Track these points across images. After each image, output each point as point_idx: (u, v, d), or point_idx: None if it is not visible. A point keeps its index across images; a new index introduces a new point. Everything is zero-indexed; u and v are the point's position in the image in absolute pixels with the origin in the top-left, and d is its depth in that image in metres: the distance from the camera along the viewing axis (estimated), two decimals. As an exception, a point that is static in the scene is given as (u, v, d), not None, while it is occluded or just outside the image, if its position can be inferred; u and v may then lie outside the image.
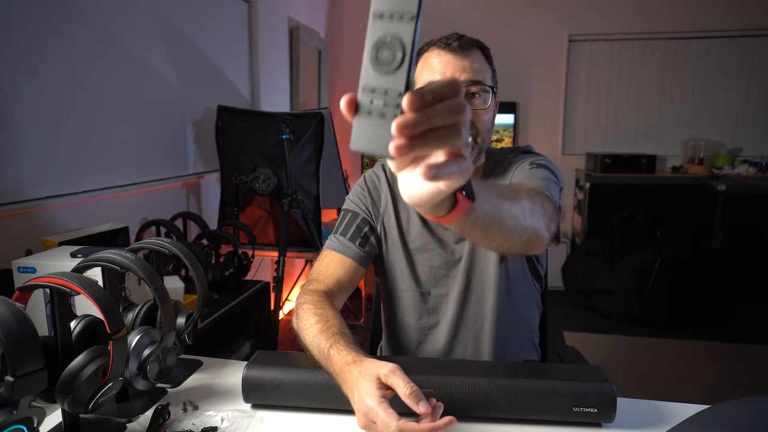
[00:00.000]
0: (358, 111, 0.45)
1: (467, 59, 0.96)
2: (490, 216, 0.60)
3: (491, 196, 0.61)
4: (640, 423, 0.79)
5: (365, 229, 1.08)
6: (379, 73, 0.43)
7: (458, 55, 0.96)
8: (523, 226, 0.70)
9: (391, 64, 0.43)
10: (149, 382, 0.81)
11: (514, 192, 0.74)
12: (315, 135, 2.35)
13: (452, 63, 0.96)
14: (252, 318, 1.93)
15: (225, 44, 2.58)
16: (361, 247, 1.07)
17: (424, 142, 0.41)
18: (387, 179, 1.12)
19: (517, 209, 0.69)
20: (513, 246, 0.72)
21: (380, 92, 0.43)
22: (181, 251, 0.87)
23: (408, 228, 1.09)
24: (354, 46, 4.20)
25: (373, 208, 1.11)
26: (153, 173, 2.06)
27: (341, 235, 1.08)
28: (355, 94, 0.44)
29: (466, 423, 0.78)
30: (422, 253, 1.07)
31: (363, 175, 1.16)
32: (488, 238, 0.65)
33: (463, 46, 0.97)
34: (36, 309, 0.96)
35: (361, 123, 0.45)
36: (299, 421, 0.80)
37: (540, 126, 4.09)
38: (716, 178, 3.65)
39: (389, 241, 1.10)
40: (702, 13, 3.78)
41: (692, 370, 2.76)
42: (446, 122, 0.41)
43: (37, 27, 1.48)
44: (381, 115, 0.43)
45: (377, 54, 0.44)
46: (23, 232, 1.45)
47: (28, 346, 0.60)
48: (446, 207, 0.50)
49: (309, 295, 0.99)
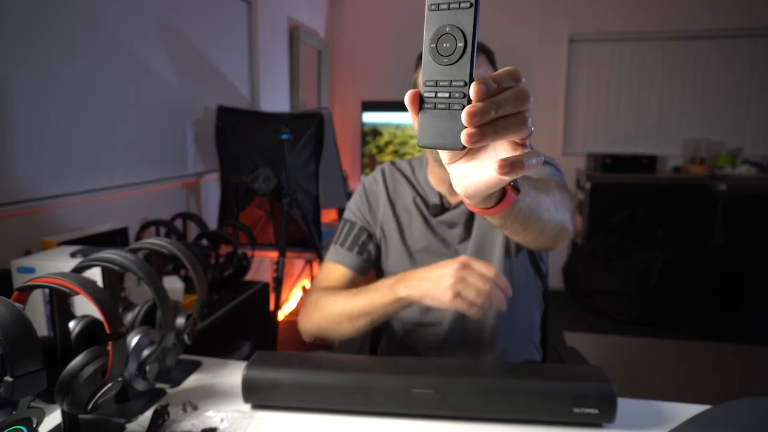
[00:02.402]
0: (422, 106, 0.43)
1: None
2: (530, 208, 0.62)
3: (530, 189, 0.62)
4: (641, 423, 0.78)
5: (363, 237, 1.11)
6: (442, 64, 0.42)
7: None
8: (555, 219, 0.72)
9: (452, 55, 0.42)
10: (149, 382, 0.81)
11: (546, 185, 0.75)
12: (315, 135, 2.35)
13: None
14: (252, 318, 1.93)
15: (225, 44, 2.58)
16: (359, 255, 1.11)
17: (495, 130, 0.41)
18: (384, 184, 1.13)
19: (549, 202, 0.70)
20: (546, 239, 0.73)
21: (445, 84, 0.42)
22: (181, 251, 0.87)
23: (410, 230, 1.09)
24: (354, 46, 4.21)
25: (370, 214, 1.13)
26: (153, 173, 2.06)
27: (340, 245, 1.12)
28: (418, 90, 0.43)
29: (467, 423, 0.78)
30: (425, 254, 1.08)
31: (362, 182, 1.17)
32: (526, 230, 0.66)
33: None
34: (35, 309, 0.96)
35: (427, 118, 0.43)
36: (299, 421, 0.80)
37: (540, 126, 4.08)
38: (717, 179, 3.65)
39: (389, 244, 1.11)
40: (702, 13, 3.78)
41: (693, 370, 2.75)
42: (514, 110, 0.41)
43: (37, 27, 1.48)
44: (447, 107, 0.42)
45: (437, 46, 0.42)
46: (23, 232, 1.45)
47: (27, 346, 0.60)
48: (495, 198, 0.51)
49: (317, 293, 1.06)
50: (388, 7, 4.11)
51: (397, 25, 4.09)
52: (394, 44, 4.11)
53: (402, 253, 1.09)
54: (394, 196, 1.12)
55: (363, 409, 0.80)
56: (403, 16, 4.03)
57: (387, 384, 0.79)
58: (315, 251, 2.40)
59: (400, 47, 4.11)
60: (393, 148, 4.03)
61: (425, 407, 0.78)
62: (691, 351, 2.97)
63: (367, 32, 4.17)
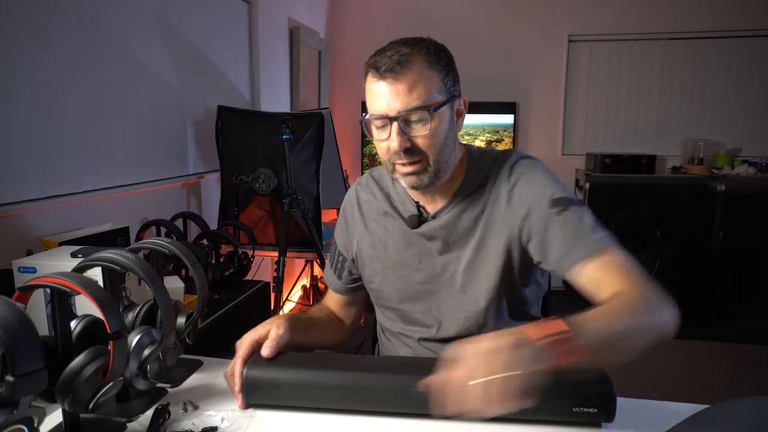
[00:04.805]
0: None
1: (400, 82, 0.85)
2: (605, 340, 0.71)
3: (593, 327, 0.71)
4: (641, 423, 0.79)
5: (343, 261, 1.12)
6: None
7: (389, 79, 0.85)
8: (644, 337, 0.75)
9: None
10: (149, 381, 0.81)
11: (609, 311, 0.77)
12: (315, 135, 2.35)
13: (385, 93, 0.86)
14: (252, 318, 1.93)
15: (225, 44, 2.58)
16: (344, 282, 1.13)
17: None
18: (357, 199, 1.09)
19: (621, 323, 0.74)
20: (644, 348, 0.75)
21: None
22: (182, 251, 0.87)
23: (385, 244, 1.04)
24: (354, 46, 4.21)
25: (347, 233, 1.10)
26: (153, 173, 2.06)
27: (330, 266, 1.15)
28: None
29: (466, 423, 0.78)
30: (402, 269, 1.02)
31: (345, 198, 1.14)
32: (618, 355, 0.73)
33: (393, 67, 0.85)
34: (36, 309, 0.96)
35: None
36: (299, 422, 0.80)
37: (540, 126, 4.09)
38: (716, 178, 3.65)
39: (364, 260, 1.07)
40: (702, 13, 3.78)
41: (692, 369, 2.76)
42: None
43: (37, 27, 1.48)
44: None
45: None
46: (23, 232, 1.45)
47: (28, 345, 0.60)
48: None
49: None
50: (388, 7, 4.11)
51: (397, 25, 4.08)
52: (393, 44, 4.11)
53: (378, 268, 1.04)
54: (367, 209, 1.07)
55: (363, 409, 0.80)
56: (403, 16, 4.03)
57: (387, 383, 0.79)
58: (315, 251, 2.40)
59: (400, 47, 4.10)
60: (393, 148, 4.02)
61: (425, 406, 0.78)
62: (689, 351, 2.97)
63: (367, 32, 4.17)
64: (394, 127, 0.87)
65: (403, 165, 0.90)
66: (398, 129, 0.86)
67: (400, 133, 0.87)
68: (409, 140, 0.88)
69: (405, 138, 0.87)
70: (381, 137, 0.90)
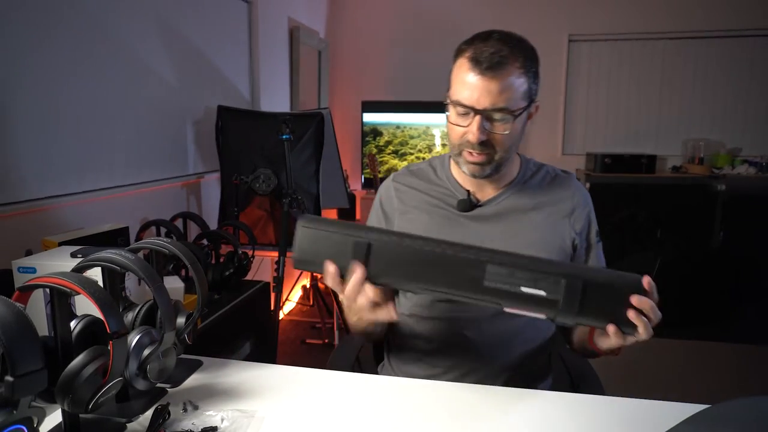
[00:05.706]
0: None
1: (495, 81, 0.91)
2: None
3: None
4: (640, 423, 0.79)
5: None
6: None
7: (485, 76, 0.91)
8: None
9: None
10: (149, 382, 0.81)
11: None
12: (315, 135, 2.35)
13: (478, 87, 0.92)
14: (252, 318, 1.94)
15: (225, 44, 2.58)
16: None
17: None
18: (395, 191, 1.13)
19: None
20: None
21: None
22: (181, 251, 0.87)
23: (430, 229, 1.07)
24: (354, 46, 4.21)
25: (384, 225, 1.13)
26: (153, 173, 2.06)
27: None
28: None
29: (467, 422, 0.78)
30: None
31: (378, 192, 1.17)
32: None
33: (493, 65, 0.91)
34: (36, 309, 0.96)
35: None
36: (299, 421, 0.80)
37: (540, 126, 4.09)
38: (716, 178, 3.65)
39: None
40: (702, 13, 3.78)
41: (692, 369, 2.76)
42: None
43: (37, 27, 1.48)
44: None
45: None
46: (23, 232, 1.45)
47: (28, 346, 0.60)
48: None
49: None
50: (388, 7, 4.11)
51: (397, 25, 4.09)
52: (394, 44, 4.12)
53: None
54: (408, 198, 1.11)
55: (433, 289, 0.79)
56: (403, 16, 4.03)
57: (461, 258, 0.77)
58: (315, 251, 2.40)
59: (400, 47, 4.11)
60: (393, 148, 4.03)
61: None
62: (690, 350, 2.97)
63: (367, 32, 4.17)
64: (476, 120, 0.94)
65: (471, 154, 0.99)
66: (479, 123, 0.94)
67: (481, 128, 0.94)
68: (487, 135, 0.96)
69: (484, 133, 0.95)
70: (460, 123, 0.97)
